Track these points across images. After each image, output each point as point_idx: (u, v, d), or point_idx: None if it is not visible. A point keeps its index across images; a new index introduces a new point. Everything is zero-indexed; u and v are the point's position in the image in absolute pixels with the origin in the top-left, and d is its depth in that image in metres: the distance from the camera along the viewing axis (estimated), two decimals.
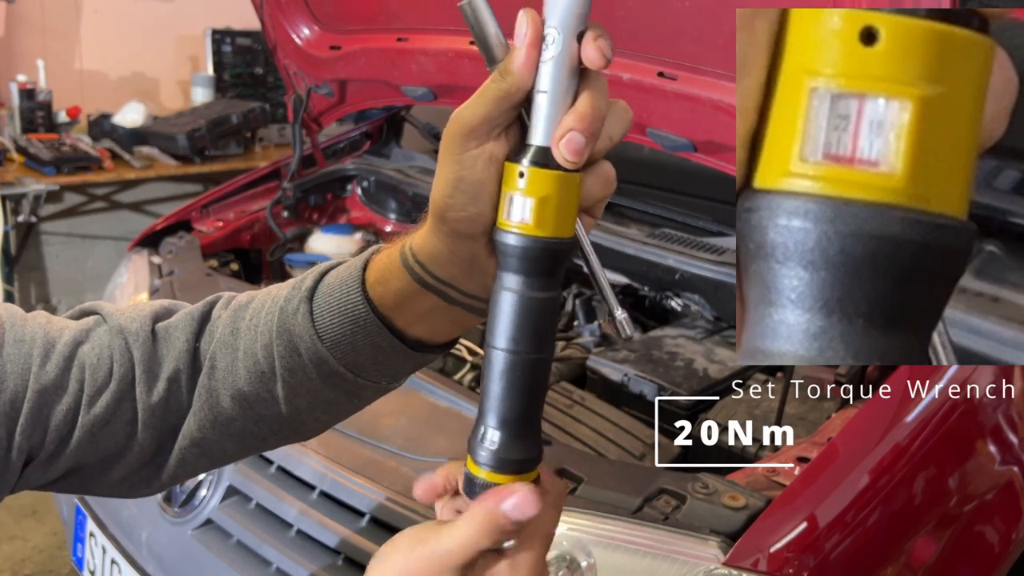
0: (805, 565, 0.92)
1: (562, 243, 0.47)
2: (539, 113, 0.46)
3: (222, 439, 0.64)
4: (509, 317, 0.47)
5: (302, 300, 0.58)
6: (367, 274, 0.57)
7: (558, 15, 0.45)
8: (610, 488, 1.03)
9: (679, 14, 1.27)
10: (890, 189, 0.23)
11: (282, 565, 1.19)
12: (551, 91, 0.46)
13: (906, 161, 0.23)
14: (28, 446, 0.60)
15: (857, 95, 0.23)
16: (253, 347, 0.61)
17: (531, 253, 0.46)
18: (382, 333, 0.56)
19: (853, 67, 0.23)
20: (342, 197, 2.32)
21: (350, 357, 0.58)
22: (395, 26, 1.77)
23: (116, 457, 0.63)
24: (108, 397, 0.61)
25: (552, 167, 0.46)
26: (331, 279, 0.59)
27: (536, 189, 0.45)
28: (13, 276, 3.30)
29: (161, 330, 0.64)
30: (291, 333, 0.58)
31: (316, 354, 0.58)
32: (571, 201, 0.46)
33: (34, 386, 0.60)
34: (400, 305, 0.56)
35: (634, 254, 1.63)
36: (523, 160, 0.46)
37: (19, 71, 3.32)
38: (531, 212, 0.45)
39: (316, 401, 0.61)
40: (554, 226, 0.46)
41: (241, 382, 0.61)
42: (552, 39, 0.45)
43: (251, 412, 0.62)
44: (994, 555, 1.14)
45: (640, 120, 1.44)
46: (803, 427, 1.18)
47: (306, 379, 0.59)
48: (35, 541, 2.50)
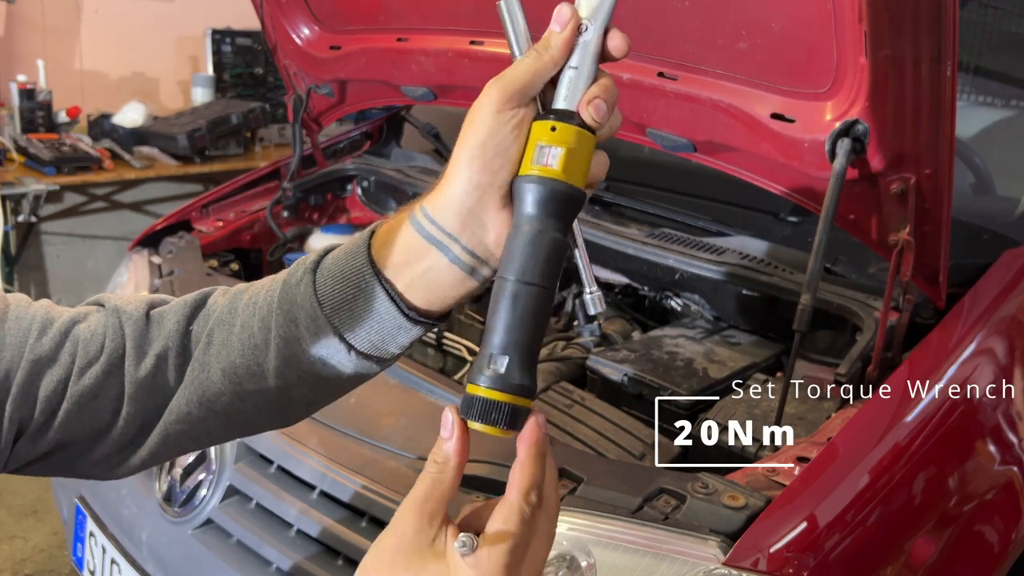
0: (805, 565, 0.92)
1: (579, 192, 0.56)
2: (569, 84, 0.56)
3: (207, 416, 0.65)
4: (528, 251, 0.54)
5: (306, 271, 0.62)
6: (373, 239, 0.61)
7: (594, 8, 0.57)
8: (610, 488, 1.03)
9: (679, 14, 1.27)
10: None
11: (282, 565, 1.19)
12: (581, 67, 0.56)
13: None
14: (19, 417, 0.62)
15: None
16: (250, 321, 0.64)
17: (555, 195, 0.55)
18: (381, 295, 0.60)
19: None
20: (342, 197, 2.32)
21: (348, 325, 0.61)
22: (395, 26, 1.77)
23: (102, 433, 0.65)
24: (97, 369, 0.64)
25: (579, 124, 0.55)
26: (336, 252, 0.63)
27: (565, 140, 0.55)
28: (13, 276, 3.30)
29: (155, 314, 0.67)
30: (292, 303, 0.62)
31: (314, 322, 0.61)
32: (588, 157, 0.56)
33: (29, 356, 0.63)
34: (403, 264, 0.59)
35: (634, 254, 1.63)
36: (557, 118, 0.55)
37: (19, 71, 3.32)
38: (559, 160, 0.54)
39: (305, 376, 0.63)
40: (576, 175, 0.55)
41: (234, 354, 0.64)
42: (587, 27, 0.57)
43: (239, 388, 0.64)
44: (994, 555, 1.14)
45: (640, 120, 1.44)
46: (803, 427, 1.18)
47: (300, 351, 0.62)
48: (35, 541, 2.50)
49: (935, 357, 1.19)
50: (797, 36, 1.14)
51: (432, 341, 1.63)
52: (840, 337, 1.43)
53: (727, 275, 1.51)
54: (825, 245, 1.10)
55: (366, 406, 1.31)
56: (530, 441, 0.55)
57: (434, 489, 0.55)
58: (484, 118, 0.55)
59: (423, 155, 2.34)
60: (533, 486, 0.54)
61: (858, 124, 1.10)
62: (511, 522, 0.53)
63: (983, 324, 1.23)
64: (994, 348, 1.24)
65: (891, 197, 1.14)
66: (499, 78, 0.56)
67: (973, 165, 1.74)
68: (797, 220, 1.71)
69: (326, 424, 1.28)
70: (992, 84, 1.94)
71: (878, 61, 1.03)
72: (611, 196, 1.87)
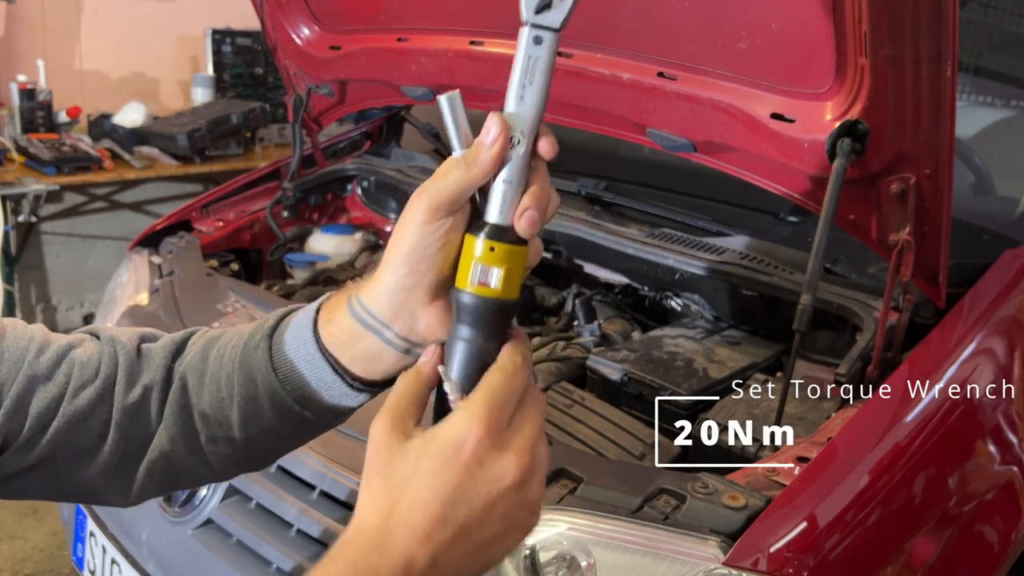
0: (805, 565, 0.92)
1: (516, 301, 0.57)
2: (502, 198, 0.56)
3: (189, 453, 0.69)
4: (471, 365, 0.56)
5: (263, 337, 0.67)
6: (319, 316, 0.65)
7: (525, 120, 0.56)
8: (610, 488, 1.03)
9: (679, 14, 1.27)
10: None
11: (282, 565, 1.19)
12: (515, 181, 0.56)
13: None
14: (8, 429, 0.65)
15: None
16: (218, 375, 0.68)
17: (495, 312, 0.56)
18: (326, 369, 0.65)
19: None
20: (342, 197, 2.32)
21: (299, 392, 0.65)
22: (395, 26, 1.77)
23: (87, 455, 0.68)
24: (91, 392, 0.67)
25: (516, 242, 0.56)
26: (290, 321, 0.68)
27: (503, 260, 0.56)
28: (13, 276, 3.30)
29: (145, 348, 0.72)
30: (251, 366, 0.67)
31: (270, 386, 0.66)
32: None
33: (26, 372, 0.66)
34: (344, 343, 0.64)
35: (634, 254, 1.63)
36: (492, 237, 0.56)
37: (19, 71, 3.32)
38: (499, 279, 0.56)
39: (266, 430, 0.68)
40: (514, 288, 0.56)
41: (204, 404, 0.69)
42: (518, 140, 0.56)
43: (211, 432, 0.69)
44: (994, 555, 1.14)
45: (640, 120, 1.44)
46: (803, 427, 1.18)
47: (259, 408, 0.66)
48: (35, 541, 2.50)
49: (935, 357, 1.19)
50: (797, 36, 1.14)
51: None
52: (840, 337, 1.43)
53: (727, 275, 1.51)
54: (825, 245, 1.10)
55: (366, 406, 1.31)
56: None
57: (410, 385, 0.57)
58: (411, 227, 0.57)
59: (423, 155, 2.34)
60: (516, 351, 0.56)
61: (858, 124, 1.10)
62: (492, 374, 0.54)
63: (983, 324, 1.23)
64: (994, 348, 1.25)
65: (891, 197, 1.14)
66: (426, 187, 0.57)
67: (973, 165, 1.74)
68: (797, 220, 1.71)
69: None
70: (992, 84, 1.94)
71: (878, 61, 1.03)
72: (611, 196, 1.87)
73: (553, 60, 0.57)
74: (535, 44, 0.56)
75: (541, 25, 0.56)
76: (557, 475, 1.08)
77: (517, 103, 0.56)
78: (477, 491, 0.50)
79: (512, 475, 0.51)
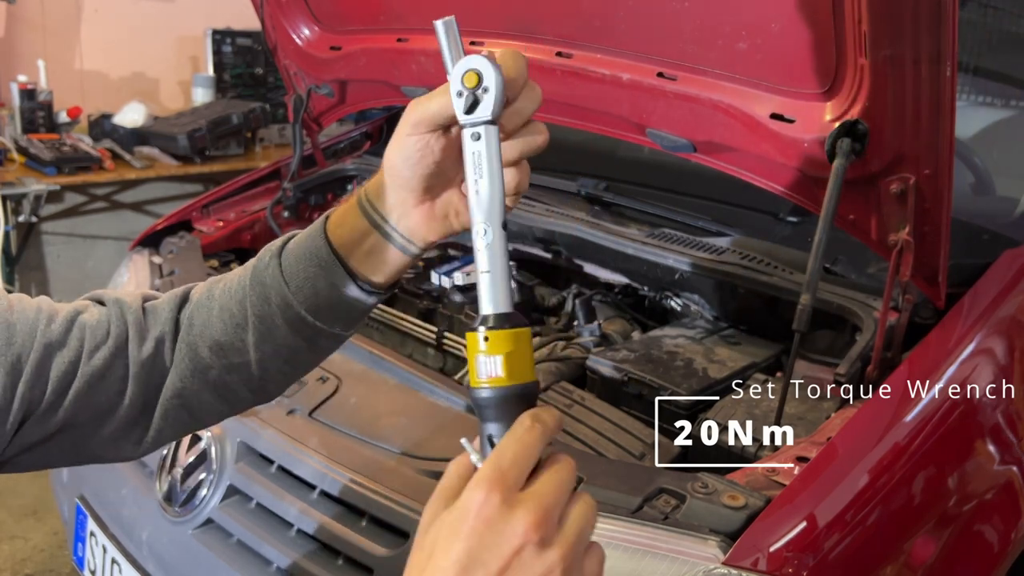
0: (804, 564, 0.93)
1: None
2: (488, 288, 0.57)
3: (200, 389, 0.74)
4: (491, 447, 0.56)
5: (272, 255, 0.72)
6: (328, 221, 0.72)
7: (487, 213, 0.58)
8: (610, 488, 1.03)
9: (679, 14, 1.27)
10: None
11: (282, 565, 1.20)
12: (493, 270, 0.58)
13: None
14: (30, 397, 0.68)
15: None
16: (228, 303, 0.73)
17: (510, 399, 0.56)
18: (338, 271, 0.70)
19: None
20: (342, 197, 2.32)
21: (311, 301, 0.71)
22: (395, 26, 1.77)
23: (108, 412, 0.72)
24: (106, 352, 0.71)
25: (513, 326, 0.56)
26: (298, 238, 0.73)
27: (502, 348, 0.56)
28: (14, 276, 3.30)
29: (149, 306, 0.76)
30: (263, 284, 0.72)
31: (283, 300, 0.71)
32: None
33: (41, 340, 0.69)
34: (353, 241, 0.70)
35: (634, 254, 1.63)
36: (486, 326, 0.56)
37: (20, 71, 3.32)
38: (502, 367, 0.56)
39: (279, 348, 0.73)
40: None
41: (218, 333, 0.73)
42: (484, 230, 0.58)
43: (226, 361, 0.74)
44: (993, 554, 1.14)
45: (640, 120, 1.44)
46: (803, 427, 1.18)
47: (273, 326, 0.72)
48: (36, 540, 2.50)
49: (935, 357, 1.19)
50: (797, 36, 1.14)
51: (432, 341, 1.63)
52: (840, 337, 1.43)
53: (727, 275, 1.51)
54: (825, 245, 1.10)
55: (366, 406, 1.31)
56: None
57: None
58: (396, 137, 0.65)
59: None
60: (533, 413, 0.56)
61: (858, 124, 1.10)
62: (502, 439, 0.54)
63: (983, 324, 1.23)
64: (994, 348, 1.25)
65: (891, 197, 1.14)
66: (416, 103, 0.63)
67: (973, 165, 1.74)
68: (797, 220, 1.71)
69: (326, 424, 1.29)
70: (992, 84, 1.94)
71: (878, 61, 1.03)
72: (611, 196, 1.87)
73: (498, 146, 0.59)
74: (474, 140, 0.58)
75: (475, 122, 0.58)
76: None
77: (475, 199, 0.58)
78: (491, 553, 0.49)
79: (522, 535, 0.49)
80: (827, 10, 1.06)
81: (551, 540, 0.50)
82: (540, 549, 0.50)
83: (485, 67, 0.58)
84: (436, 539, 0.51)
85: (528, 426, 0.54)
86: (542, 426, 0.54)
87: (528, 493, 0.51)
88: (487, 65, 0.58)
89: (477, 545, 0.49)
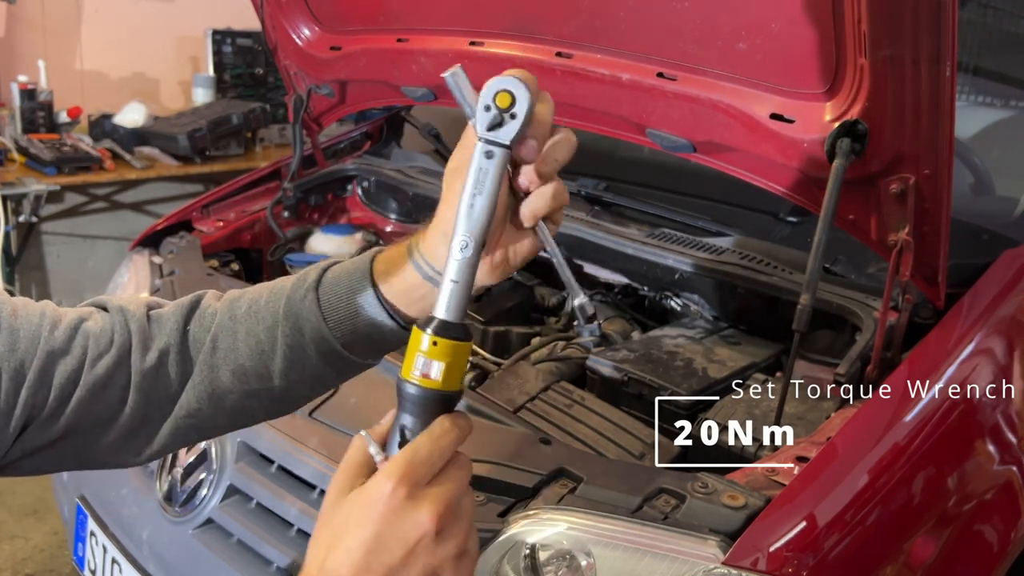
0: (804, 564, 0.93)
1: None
2: (449, 296, 0.60)
3: (215, 412, 0.74)
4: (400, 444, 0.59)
5: (309, 289, 0.72)
6: (375, 266, 0.71)
7: (473, 229, 0.60)
8: (610, 487, 1.03)
9: (679, 14, 1.27)
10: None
11: (282, 565, 1.20)
12: (461, 282, 0.60)
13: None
14: (33, 402, 0.68)
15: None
16: (256, 329, 0.73)
17: (434, 402, 0.59)
18: (383, 316, 0.70)
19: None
20: (342, 197, 2.32)
21: (348, 337, 0.71)
22: (395, 26, 1.77)
23: (109, 420, 0.71)
24: (108, 360, 0.71)
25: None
26: (336, 272, 0.73)
27: (445, 355, 0.59)
28: (14, 276, 3.30)
29: (154, 315, 0.76)
30: (298, 316, 0.72)
31: (319, 333, 0.71)
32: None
33: (44, 347, 0.69)
34: (405, 292, 0.70)
35: (634, 254, 1.63)
36: (437, 332, 0.59)
37: (20, 71, 3.32)
38: (440, 372, 0.59)
39: (307, 376, 0.73)
40: (454, 380, 0.59)
41: (243, 358, 0.73)
42: (465, 244, 0.60)
43: (247, 387, 0.73)
44: (993, 554, 1.14)
45: (639, 120, 1.44)
46: (802, 427, 1.18)
47: (304, 356, 0.72)
48: (36, 540, 2.50)
49: (934, 357, 1.19)
50: (796, 36, 1.14)
51: None
52: (839, 337, 1.43)
53: (727, 275, 1.51)
54: (824, 245, 1.10)
55: (366, 406, 1.31)
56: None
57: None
58: (454, 190, 0.63)
59: (423, 155, 2.34)
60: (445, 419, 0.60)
61: (858, 124, 1.10)
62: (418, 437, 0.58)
63: (982, 324, 1.23)
64: (993, 348, 1.25)
65: (890, 197, 1.14)
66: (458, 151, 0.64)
67: (972, 165, 1.74)
68: (797, 220, 1.71)
69: (326, 424, 1.29)
70: (992, 84, 1.94)
71: (878, 61, 1.03)
72: (611, 196, 1.87)
73: (502, 173, 0.61)
74: (486, 158, 0.60)
75: (492, 141, 0.59)
76: (557, 475, 1.08)
77: (467, 211, 0.60)
78: (396, 539, 0.54)
79: (426, 525, 0.55)
80: (827, 10, 1.06)
81: (449, 532, 0.57)
82: (440, 540, 0.56)
83: (520, 93, 0.59)
84: (346, 521, 0.55)
85: (446, 429, 0.58)
86: (458, 431, 0.59)
87: (434, 489, 0.56)
88: (523, 92, 0.59)
89: (384, 531, 0.54)
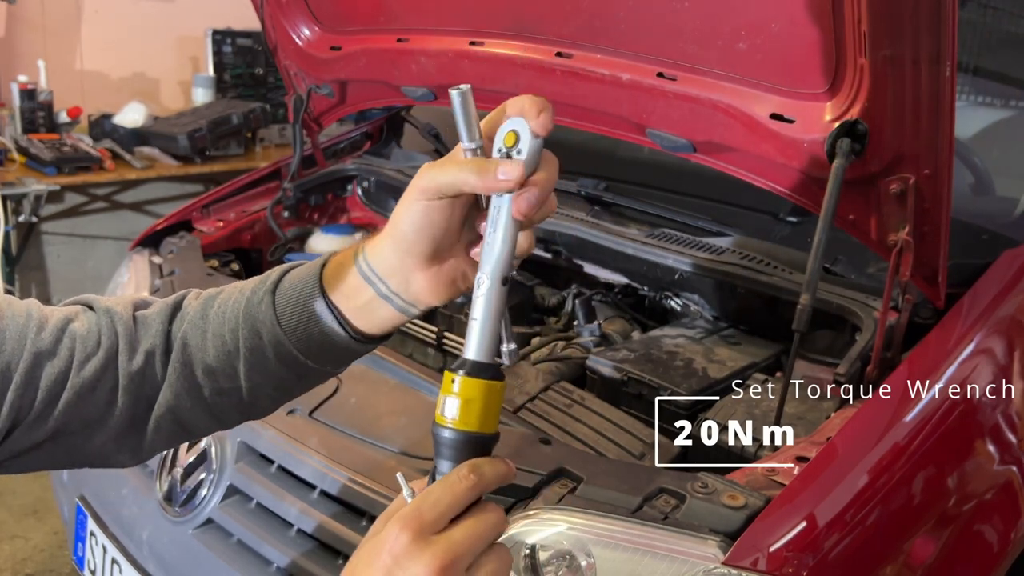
0: (804, 564, 0.93)
1: (478, 436, 0.59)
2: (471, 335, 0.60)
3: (193, 406, 0.74)
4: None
5: (266, 292, 0.72)
6: (324, 271, 0.71)
7: (490, 265, 0.60)
8: (610, 487, 1.03)
9: (679, 14, 1.27)
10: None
11: (282, 565, 1.20)
12: (480, 318, 0.60)
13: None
14: (19, 405, 0.67)
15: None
16: (221, 330, 0.73)
17: (459, 444, 0.58)
18: (330, 320, 0.70)
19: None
20: (342, 197, 2.32)
21: (303, 343, 0.71)
22: (395, 26, 1.77)
23: (98, 423, 0.71)
24: (96, 363, 0.71)
25: (483, 376, 0.58)
26: (292, 277, 0.72)
27: (464, 393, 0.58)
28: (14, 276, 3.30)
29: (140, 316, 0.75)
30: (255, 319, 0.71)
31: (275, 337, 0.71)
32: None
33: (30, 349, 0.69)
34: (348, 296, 0.69)
35: (634, 254, 1.63)
36: (457, 370, 0.59)
37: (20, 71, 3.32)
38: (463, 412, 0.58)
39: (269, 378, 0.73)
40: (478, 421, 0.58)
41: (210, 358, 0.73)
42: (482, 281, 0.60)
43: (217, 384, 0.73)
44: (993, 554, 1.14)
45: (639, 120, 1.44)
46: (802, 427, 1.18)
47: (264, 359, 0.71)
48: (36, 540, 2.50)
49: (934, 357, 1.19)
50: (796, 36, 1.14)
51: (432, 341, 1.63)
52: (839, 337, 1.43)
53: (727, 275, 1.51)
54: (824, 245, 1.10)
55: (366, 406, 1.31)
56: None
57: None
58: (404, 202, 0.64)
59: (423, 155, 2.34)
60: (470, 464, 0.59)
61: (858, 124, 1.10)
62: (433, 484, 0.58)
63: (982, 324, 1.23)
64: (993, 348, 1.25)
65: (890, 197, 1.14)
66: (427, 168, 0.63)
67: (972, 165, 1.74)
68: (797, 220, 1.71)
69: (326, 424, 1.29)
70: (992, 84, 1.94)
71: (878, 61, 1.03)
72: (611, 196, 1.87)
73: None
74: (498, 196, 0.60)
75: None
76: (557, 475, 1.08)
77: (487, 249, 0.60)
78: None
79: (423, 575, 0.53)
80: (827, 10, 1.06)
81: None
82: None
83: (524, 132, 0.60)
84: (357, 564, 0.57)
85: (463, 476, 0.57)
86: (478, 478, 0.57)
87: (441, 537, 0.55)
88: (526, 131, 0.60)
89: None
